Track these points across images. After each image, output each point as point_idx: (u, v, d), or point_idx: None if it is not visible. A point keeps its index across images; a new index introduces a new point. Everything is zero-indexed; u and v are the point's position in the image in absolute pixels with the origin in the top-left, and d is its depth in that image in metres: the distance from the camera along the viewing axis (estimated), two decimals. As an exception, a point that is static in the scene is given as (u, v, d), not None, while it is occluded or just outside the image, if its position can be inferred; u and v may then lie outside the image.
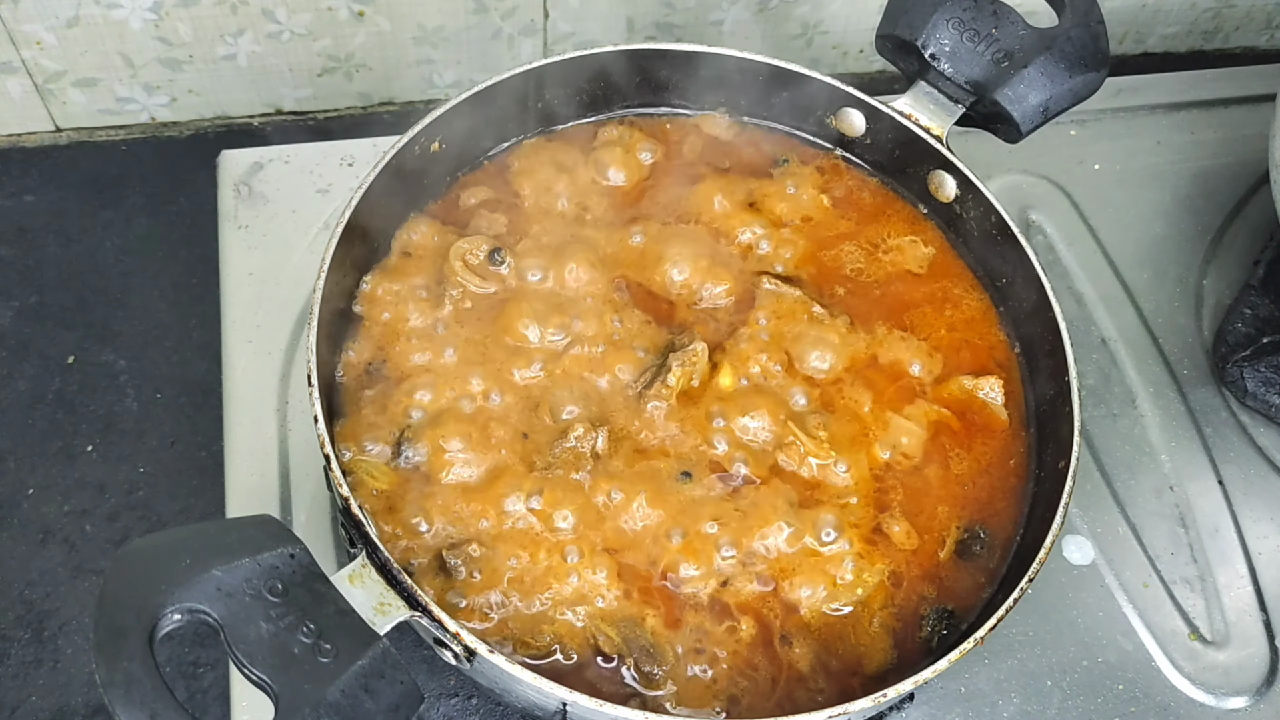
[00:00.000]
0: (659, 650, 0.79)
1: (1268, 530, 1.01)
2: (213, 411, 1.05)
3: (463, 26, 1.22)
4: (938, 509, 0.87)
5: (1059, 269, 1.13)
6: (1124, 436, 1.05)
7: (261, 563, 0.67)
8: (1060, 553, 0.98)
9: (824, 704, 0.76)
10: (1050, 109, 0.94)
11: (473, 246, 0.92)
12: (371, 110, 1.30)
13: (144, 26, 1.15)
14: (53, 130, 1.25)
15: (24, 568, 1.04)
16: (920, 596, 0.84)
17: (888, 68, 1.35)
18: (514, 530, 0.82)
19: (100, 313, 1.16)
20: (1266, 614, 0.97)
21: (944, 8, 0.95)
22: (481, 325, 0.90)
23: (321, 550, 0.84)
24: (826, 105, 1.00)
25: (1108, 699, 0.93)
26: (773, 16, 1.28)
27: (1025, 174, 1.19)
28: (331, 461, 0.76)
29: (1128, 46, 1.42)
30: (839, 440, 0.88)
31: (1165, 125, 1.24)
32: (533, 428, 0.86)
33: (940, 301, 0.96)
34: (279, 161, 1.12)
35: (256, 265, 1.06)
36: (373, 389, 0.87)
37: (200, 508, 1.07)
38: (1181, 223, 1.18)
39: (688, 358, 0.88)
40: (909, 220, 1.00)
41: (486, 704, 0.88)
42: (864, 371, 0.92)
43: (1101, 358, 1.09)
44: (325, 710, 0.64)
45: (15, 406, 1.11)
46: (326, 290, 0.83)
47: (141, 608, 0.63)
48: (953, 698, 0.92)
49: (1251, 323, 1.09)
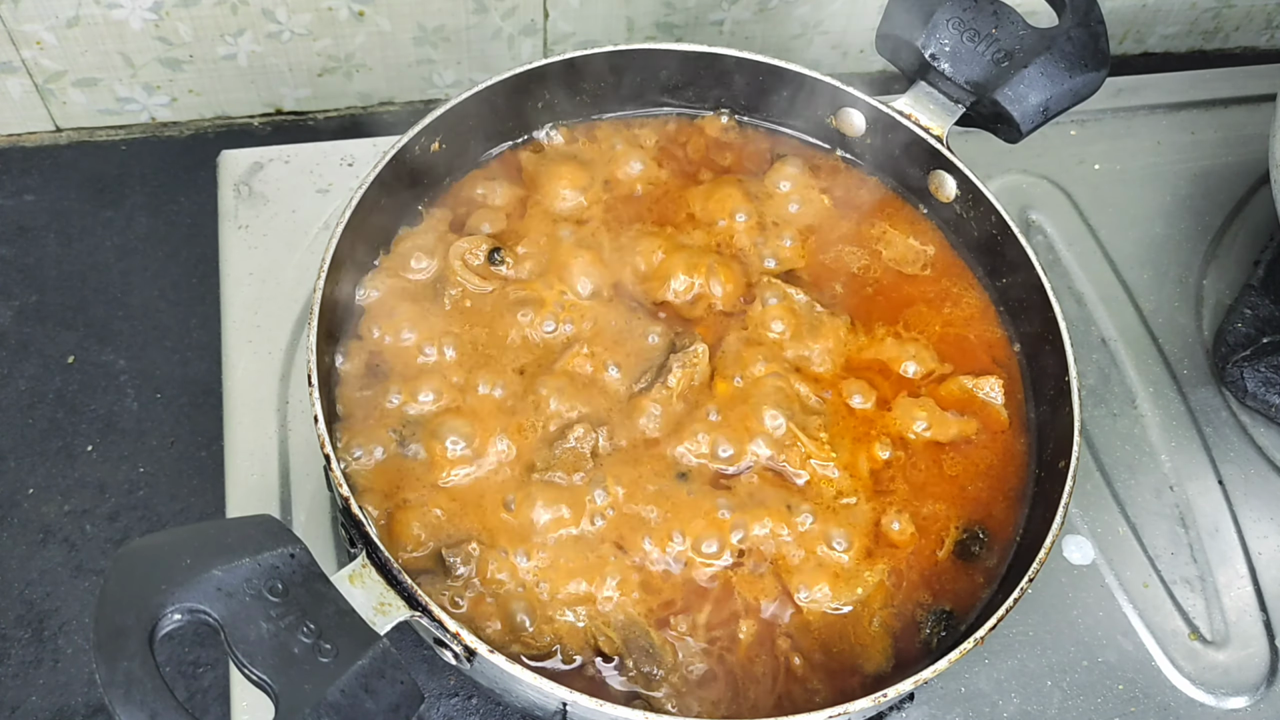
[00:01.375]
0: (659, 650, 0.79)
1: (1268, 530, 1.01)
2: (213, 411, 1.05)
3: (463, 26, 1.22)
4: (937, 509, 0.87)
5: (1059, 269, 1.13)
6: (1124, 436, 1.05)
7: (261, 563, 0.67)
8: (1060, 553, 0.98)
9: (824, 704, 0.76)
10: (1050, 109, 0.94)
11: (472, 246, 0.92)
12: (371, 110, 1.30)
13: (144, 26, 1.15)
14: (53, 130, 1.25)
15: (24, 568, 1.04)
16: (920, 596, 0.84)
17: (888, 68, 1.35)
18: (514, 530, 0.82)
19: (100, 313, 1.16)
20: (1266, 614, 0.97)
21: (944, 8, 0.95)
22: (481, 325, 0.90)
23: (321, 550, 0.84)
24: (826, 105, 1.00)
25: (1108, 699, 0.93)
26: (773, 16, 1.28)
27: (1025, 174, 1.19)
28: (331, 461, 0.76)
29: (1128, 46, 1.42)
30: (839, 440, 0.88)
31: (1165, 125, 1.24)
32: (533, 428, 0.86)
33: (940, 301, 0.96)
34: (279, 161, 1.12)
35: (256, 265, 1.06)
36: (373, 389, 0.87)
37: (200, 508, 1.07)
38: (1181, 223, 1.18)
39: (688, 358, 0.88)
40: (909, 220, 1.00)
41: (486, 704, 0.88)
42: (864, 371, 0.92)
43: (1101, 358, 1.09)
44: (325, 710, 0.64)
45: (15, 406, 1.11)
46: (326, 290, 0.83)
47: (141, 608, 0.63)
48: (953, 698, 0.92)
49: (1251, 323, 1.09)
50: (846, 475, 0.86)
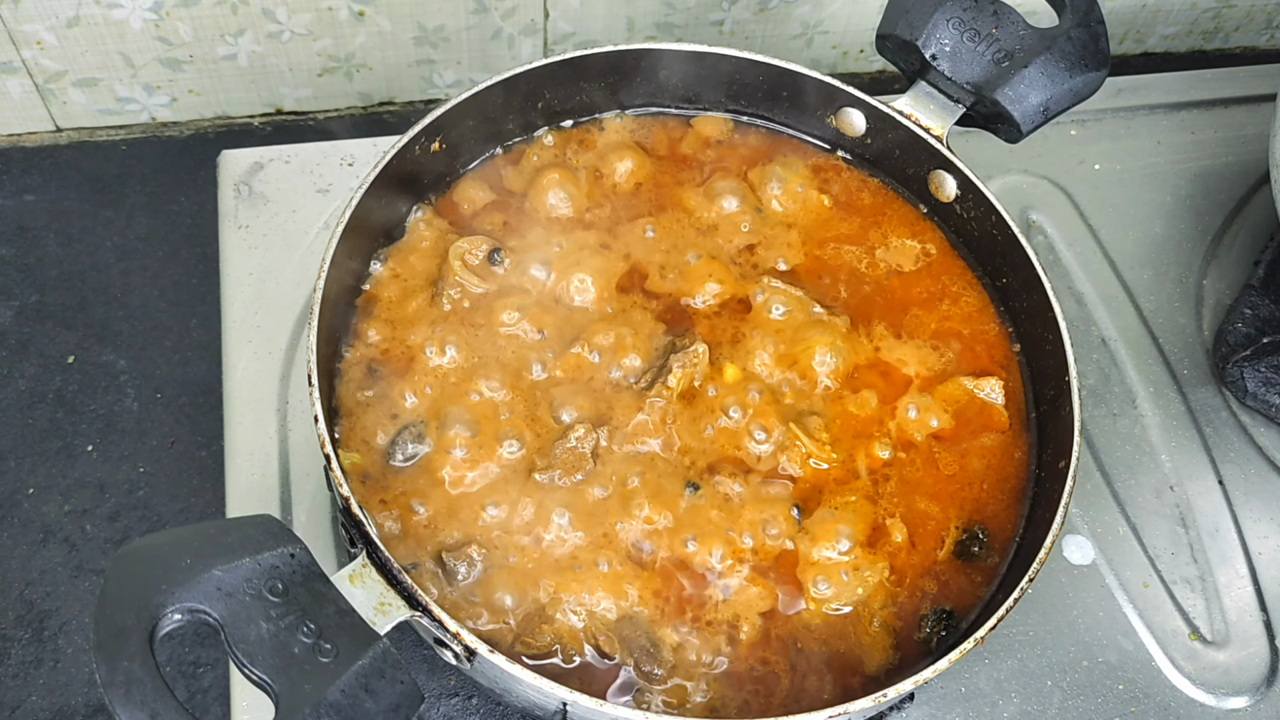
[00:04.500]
0: (659, 650, 0.79)
1: (1268, 530, 1.01)
2: (213, 411, 1.05)
3: (463, 26, 1.22)
4: (937, 509, 0.87)
5: (1059, 269, 1.13)
6: (1124, 436, 1.05)
7: (262, 562, 0.67)
8: (1060, 553, 0.98)
9: (824, 704, 0.76)
10: (1050, 109, 0.94)
11: (472, 246, 0.92)
12: (371, 110, 1.30)
13: (144, 26, 1.15)
14: (53, 130, 1.25)
15: (24, 568, 1.04)
16: (920, 596, 0.84)
17: (888, 68, 1.36)
18: (514, 530, 0.82)
19: (100, 313, 1.16)
20: (1266, 614, 0.97)
21: (944, 8, 0.95)
22: (481, 325, 0.90)
23: (321, 550, 0.84)
24: (826, 105, 1.00)
25: (1108, 699, 0.93)
26: (773, 16, 1.28)
27: (1025, 174, 1.19)
28: (331, 461, 0.76)
29: (1128, 46, 1.42)
30: (839, 440, 0.88)
31: (1165, 125, 1.24)
32: (533, 428, 0.86)
33: (940, 301, 0.96)
34: (279, 161, 1.12)
35: (256, 265, 1.06)
36: (373, 389, 0.87)
37: (200, 508, 1.07)
38: (1181, 223, 1.18)
39: (688, 358, 0.88)
40: (909, 220, 1.00)
41: (486, 704, 0.88)
42: (864, 371, 0.92)
43: (1101, 358, 1.09)
44: (325, 710, 0.64)
45: (15, 406, 1.11)
46: (326, 290, 0.83)
47: (142, 608, 0.63)
48: (953, 698, 0.92)
49: (1252, 323, 1.09)
50: (847, 475, 0.86)
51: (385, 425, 0.85)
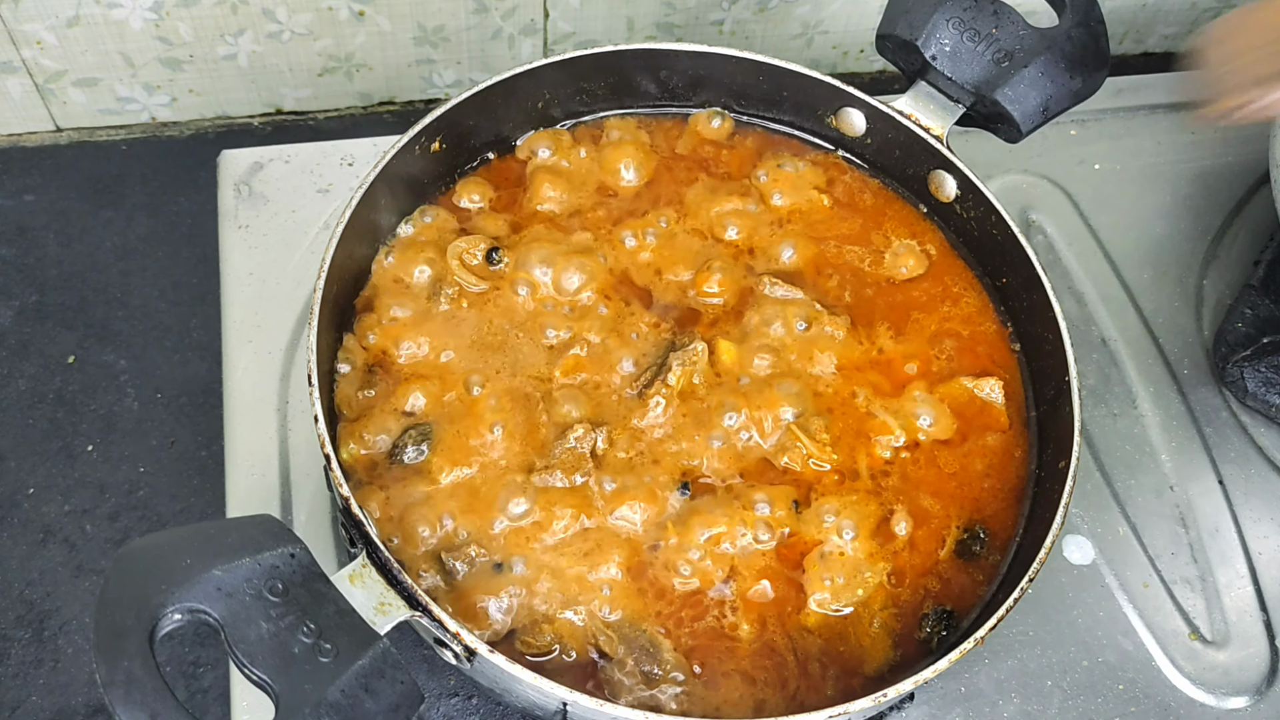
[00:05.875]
0: (659, 650, 0.79)
1: (1268, 530, 1.01)
2: (213, 411, 1.05)
3: (463, 26, 1.22)
4: (938, 508, 0.87)
5: (1059, 269, 1.13)
6: (1124, 436, 1.05)
7: (262, 562, 0.67)
8: (1060, 553, 0.98)
9: (824, 704, 0.76)
10: (1050, 109, 0.94)
11: (471, 246, 0.92)
12: (371, 110, 1.30)
13: (144, 26, 1.15)
14: (53, 130, 1.25)
15: (24, 568, 1.04)
16: (920, 596, 0.84)
17: (888, 68, 1.35)
18: (514, 531, 0.82)
19: (100, 313, 1.16)
20: (1267, 614, 0.97)
21: (944, 8, 0.95)
22: (480, 325, 0.90)
23: (321, 550, 0.84)
24: (826, 105, 1.00)
25: (1108, 699, 0.93)
26: (773, 16, 1.28)
27: (1025, 174, 1.19)
28: (331, 461, 0.76)
29: (1128, 46, 1.42)
30: (840, 440, 0.88)
31: (1165, 125, 1.24)
32: (532, 428, 0.86)
33: (940, 301, 0.96)
34: (279, 161, 1.12)
35: (256, 265, 1.06)
36: (373, 389, 0.87)
37: (200, 508, 1.07)
38: (1181, 223, 1.18)
39: (688, 357, 0.88)
40: (909, 220, 1.00)
41: (486, 704, 0.88)
42: (864, 371, 0.92)
43: (1101, 358, 1.09)
44: (325, 710, 0.64)
45: (15, 406, 1.11)
46: (326, 290, 0.83)
47: (142, 608, 0.63)
48: (953, 698, 0.92)
49: (1252, 323, 1.08)
50: (847, 475, 0.86)
51: (385, 425, 0.85)
